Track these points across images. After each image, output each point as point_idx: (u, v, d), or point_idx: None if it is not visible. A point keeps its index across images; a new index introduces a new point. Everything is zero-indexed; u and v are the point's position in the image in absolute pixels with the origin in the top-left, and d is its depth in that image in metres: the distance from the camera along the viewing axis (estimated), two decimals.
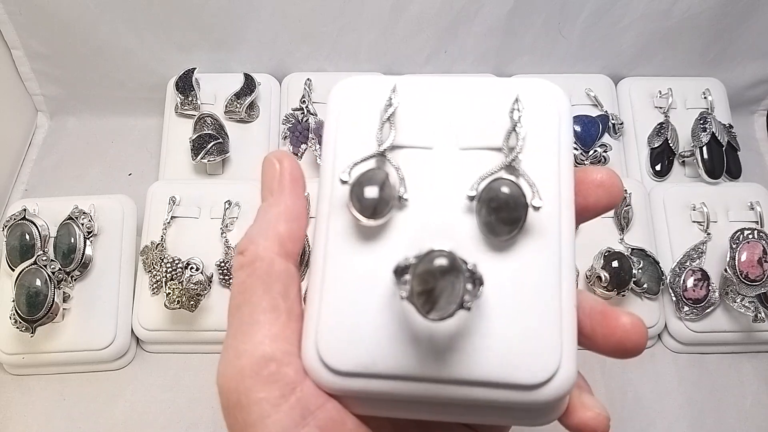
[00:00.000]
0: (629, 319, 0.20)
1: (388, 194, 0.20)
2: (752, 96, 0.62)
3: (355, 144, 0.21)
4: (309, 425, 0.19)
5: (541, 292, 0.19)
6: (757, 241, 0.46)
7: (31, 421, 0.46)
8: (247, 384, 0.19)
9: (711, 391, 0.48)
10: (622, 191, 0.22)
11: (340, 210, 0.21)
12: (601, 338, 0.21)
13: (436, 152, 0.21)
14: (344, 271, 0.20)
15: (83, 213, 0.47)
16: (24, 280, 0.43)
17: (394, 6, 0.56)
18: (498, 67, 0.60)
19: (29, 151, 0.61)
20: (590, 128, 0.53)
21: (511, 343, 0.19)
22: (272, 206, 0.21)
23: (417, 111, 0.21)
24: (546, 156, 0.21)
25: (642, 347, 0.20)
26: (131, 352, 0.49)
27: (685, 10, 0.56)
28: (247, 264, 0.20)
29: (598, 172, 0.21)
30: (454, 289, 0.17)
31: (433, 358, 0.19)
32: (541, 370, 0.19)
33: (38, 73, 0.60)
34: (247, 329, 0.20)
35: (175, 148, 0.55)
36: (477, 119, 0.21)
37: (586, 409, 0.21)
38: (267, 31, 0.57)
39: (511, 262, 0.20)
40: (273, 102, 0.58)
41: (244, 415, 0.19)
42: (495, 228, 0.19)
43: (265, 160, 0.22)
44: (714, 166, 0.53)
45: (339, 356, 0.19)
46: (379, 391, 0.19)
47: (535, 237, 0.20)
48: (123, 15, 0.56)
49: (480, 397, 0.19)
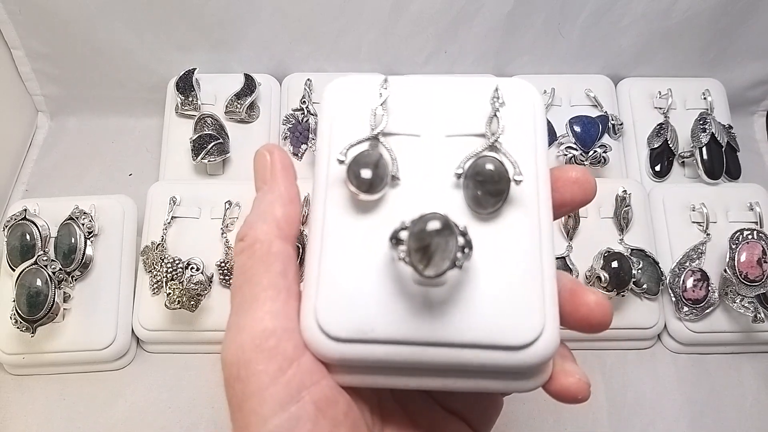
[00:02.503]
0: (594, 297, 0.22)
1: (383, 172, 0.22)
2: (752, 96, 0.62)
3: (349, 131, 0.23)
4: (304, 400, 0.20)
5: (524, 259, 0.21)
6: (757, 242, 0.46)
7: (31, 421, 0.46)
8: (248, 357, 0.20)
9: (711, 391, 0.48)
10: (595, 188, 0.23)
11: (337, 188, 0.22)
12: (568, 315, 0.22)
13: (424, 139, 0.23)
14: (341, 244, 0.22)
15: (84, 213, 0.47)
16: (24, 280, 0.43)
17: (394, 6, 0.56)
18: (498, 67, 0.60)
19: (29, 151, 0.61)
20: (590, 129, 0.53)
21: (498, 307, 0.20)
22: (267, 194, 0.23)
23: (406, 104, 0.24)
24: (524, 140, 0.23)
25: (606, 324, 0.22)
26: (131, 352, 0.49)
27: (685, 10, 0.56)
28: (247, 247, 0.22)
29: (574, 171, 0.23)
30: (448, 245, 0.19)
31: (425, 322, 0.20)
32: (526, 331, 0.20)
33: (38, 73, 0.60)
34: (248, 306, 0.21)
35: (176, 148, 0.55)
36: (461, 110, 0.23)
37: (568, 375, 0.22)
38: (267, 31, 0.57)
39: (496, 233, 0.22)
40: (273, 102, 0.58)
41: (243, 387, 0.20)
42: (481, 201, 0.21)
43: (257, 154, 0.24)
44: (714, 167, 0.53)
45: (337, 323, 0.20)
46: (376, 356, 0.20)
47: (516, 209, 0.22)
48: (123, 15, 0.56)
49: (470, 358, 0.20)
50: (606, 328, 0.22)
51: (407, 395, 0.26)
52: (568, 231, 0.49)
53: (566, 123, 0.53)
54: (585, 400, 0.22)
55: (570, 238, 0.49)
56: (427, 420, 0.25)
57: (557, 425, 0.47)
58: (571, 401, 0.22)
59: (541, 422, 0.47)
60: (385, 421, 0.24)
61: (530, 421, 0.47)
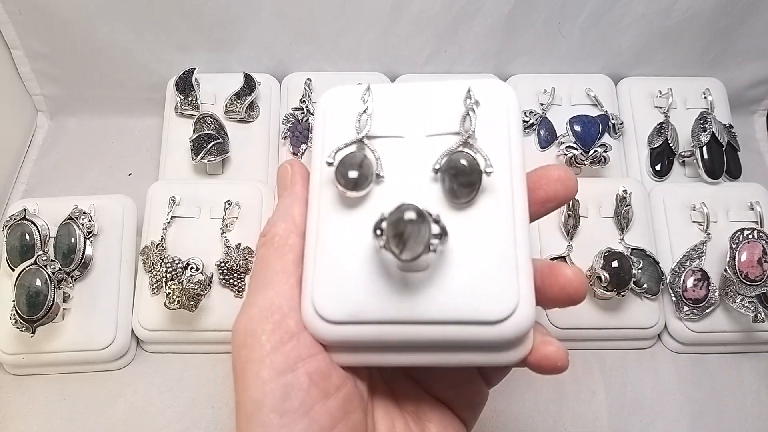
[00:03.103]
0: (571, 270, 0.24)
1: (367, 171, 0.24)
2: (752, 96, 0.62)
3: (338, 136, 0.26)
4: (299, 370, 0.22)
5: (497, 241, 0.23)
6: (757, 241, 0.46)
7: (31, 421, 0.46)
8: (254, 327, 0.23)
9: (711, 391, 0.48)
10: (576, 185, 0.25)
11: (328, 187, 0.25)
12: (547, 288, 0.24)
13: (407, 139, 0.26)
14: (333, 236, 0.24)
15: (83, 213, 0.47)
16: (24, 280, 0.43)
17: (394, 6, 0.56)
18: (498, 67, 0.60)
19: (29, 151, 0.61)
20: (590, 128, 0.53)
21: (474, 287, 0.22)
22: (286, 198, 0.26)
23: (390, 109, 0.26)
24: (497, 135, 0.25)
25: (582, 293, 0.24)
26: (131, 352, 0.49)
27: (685, 10, 0.56)
28: (267, 241, 0.25)
29: (557, 170, 0.25)
30: (420, 232, 0.21)
31: (409, 304, 0.22)
32: (501, 307, 0.22)
33: (38, 73, 0.60)
34: (261, 287, 0.24)
35: (175, 148, 0.55)
36: (440, 112, 0.26)
37: (547, 344, 0.24)
38: (267, 31, 0.57)
39: (471, 220, 0.24)
40: (273, 102, 0.58)
41: (247, 352, 0.22)
42: (456, 192, 0.24)
43: (280, 167, 0.27)
44: (714, 166, 0.53)
45: (331, 308, 0.23)
46: (366, 336, 0.23)
47: (490, 198, 0.24)
48: (123, 15, 0.56)
49: (451, 335, 0.22)
50: (582, 297, 0.24)
51: (396, 381, 0.27)
52: (568, 230, 0.49)
53: (566, 122, 0.53)
54: (564, 369, 0.24)
55: (570, 238, 0.49)
56: (413, 405, 0.27)
57: (557, 425, 0.47)
58: (552, 369, 0.24)
59: (541, 422, 0.47)
60: (375, 403, 0.26)
61: (530, 421, 0.47)
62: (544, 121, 0.56)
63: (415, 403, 0.27)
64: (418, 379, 0.28)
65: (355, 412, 0.24)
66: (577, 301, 0.24)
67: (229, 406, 0.47)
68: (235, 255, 0.48)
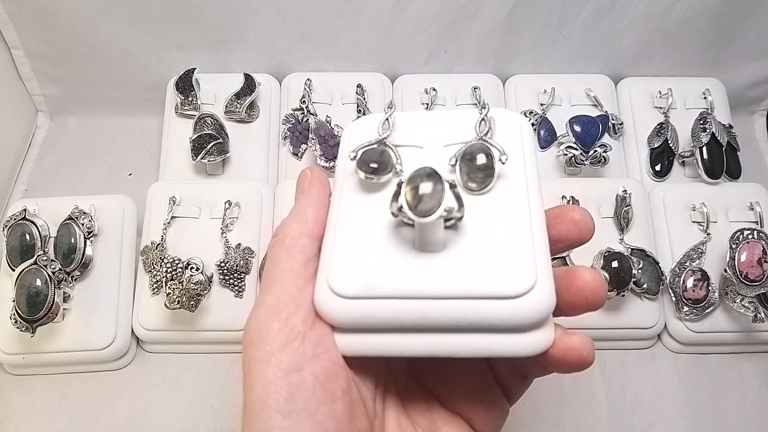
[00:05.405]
0: (590, 273, 0.23)
1: (386, 160, 0.26)
2: (752, 96, 0.62)
3: (362, 141, 0.28)
4: (304, 370, 0.22)
5: (513, 220, 0.24)
6: (757, 242, 0.46)
7: (31, 421, 0.46)
8: (262, 325, 0.23)
9: (711, 391, 0.48)
10: (591, 232, 0.25)
11: (351, 177, 0.27)
12: (565, 291, 0.23)
13: (425, 149, 0.28)
14: (352, 217, 0.25)
15: (83, 213, 0.47)
16: (24, 280, 0.43)
17: (394, 6, 0.56)
18: (498, 67, 0.60)
19: (29, 151, 0.61)
20: (590, 128, 0.53)
21: (491, 263, 0.23)
22: (302, 201, 0.26)
23: (409, 126, 0.28)
24: (511, 142, 0.27)
25: (601, 296, 0.23)
26: (131, 352, 0.49)
27: (685, 10, 0.56)
28: (278, 241, 0.25)
29: (576, 211, 0.25)
30: (435, 188, 0.22)
31: (424, 279, 0.23)
32: (518, 282, 0.22)
33: (38, 73, 0.60)
34: (271, 287, 0.24)
35: (175, 148, 0.55)
36: (456, 127, 0.28)
37: (570, 335, 0.23)
38: (267, 31, 0.57)
39: (487, 203, 0.25)
40: (273, 102, 0.58)
41: (255, 351, 0.22)
42: (472, 177, 0.25)
43: (301, 173, 0.27)
44: (714, 167, 0.53)
45: (346, 282, 0.23)
46: (378, 313, 0.22)
47: (506, 186, 0.25)
48: (123, 15, 0.56)
49: (467, 312, 0.22)
50: (601, 302, 0.23)
51: (408, 391, 0.27)
52: None
53: (566, 123, 0.53)
54: (590, 362, 0.23)
55: None
56: (426, 419, 0.26)
57: (557, 425, 0.47)
58: (578, 361, 0.23)
59: (541, 422, 0.47)
60: (386, 416, 0.26)
61: (530, 421, 0.47)
62: (544, 122, 0.56)
63: (428, 416, 0.26)
64: (432, 389, 0.27)
65: (360, 420, 0.23)
66: (594, 305, 0.23)
67: (229, 406, 0.47)
68: (235, 255, 0.48)
